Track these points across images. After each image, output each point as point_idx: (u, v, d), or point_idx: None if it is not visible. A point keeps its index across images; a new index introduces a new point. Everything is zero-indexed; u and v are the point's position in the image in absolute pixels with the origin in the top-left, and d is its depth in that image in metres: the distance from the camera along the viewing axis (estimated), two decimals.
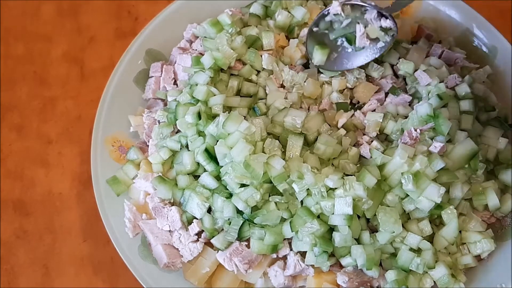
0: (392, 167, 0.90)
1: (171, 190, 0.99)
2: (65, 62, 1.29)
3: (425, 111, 0.95)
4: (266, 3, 1.16)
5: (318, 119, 0.99)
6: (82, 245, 1.11)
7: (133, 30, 1.30)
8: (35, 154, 1.20)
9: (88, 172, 1.03)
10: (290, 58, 1.08)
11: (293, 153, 0.94)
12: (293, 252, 0.93)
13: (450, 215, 0.91)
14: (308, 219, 0.89)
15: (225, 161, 0.93)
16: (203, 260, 0.96)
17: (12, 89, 1.26)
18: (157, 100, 1.12)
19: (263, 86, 1.05)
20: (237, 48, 1.04)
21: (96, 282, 1.08)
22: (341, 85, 1.05)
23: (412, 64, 1.04)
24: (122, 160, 1.06)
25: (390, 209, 0.90)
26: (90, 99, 1.24)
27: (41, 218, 1.14)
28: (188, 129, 0.99)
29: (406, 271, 0.90)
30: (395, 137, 1.00)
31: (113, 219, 0.99)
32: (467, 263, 0.94)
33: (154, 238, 0.98)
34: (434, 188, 0.87)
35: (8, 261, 1.10)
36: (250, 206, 0.91)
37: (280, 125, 0.97)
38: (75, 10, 1.34)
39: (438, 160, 0.89)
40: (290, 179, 0.90)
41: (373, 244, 0.90)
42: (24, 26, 1.33)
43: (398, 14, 1.18)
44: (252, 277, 0.95)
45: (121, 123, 1.08)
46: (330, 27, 1.05)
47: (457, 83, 1.03)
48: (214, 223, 0.96)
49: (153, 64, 1.13)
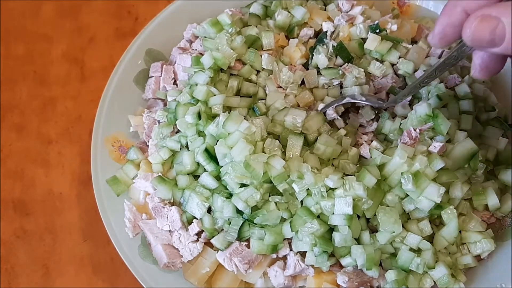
0: (392, 167, 0.90)
1: (171, 190, 0.99)
2: (65, 62, 1.29)
3: (424, 111, 0.95)
4: (266, 3, 1.16)
5: (318, 119, 0.99)
6: (82, 245, 1.11)
7: (133, 30, 1.30)
8: (35, 154, 1.20)
9: (88, 172, 1.03)
10: (290, 58, 1.08)
11: (293, 153, 0.94)
12: (293, 252, 0.93)
13: (450, 215, 0.91)
14: (308, 219, 0.89)
15: (225, 161, 0.93)
16: (203, 260, 0.96)
17: (12, 89, 1.26)
18: (157, 100, 1.12)
19: (263, 86, 1.05)
20: (237, 48, 1.04)
21: (96, 282, 1.08)
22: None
23: (412, 64, 1.04)
24: (122, 160, 1.06)
25: (390, 209, 0.90)
26: (90, 99, 1.24)
27: (41, 218, 1.14)
28: (188, 129, 0.99)
29: (406, 271, 0.90)
30: (393, 137, 1.00)
31: (113, 219, 0.99)
32: (467, 263, 0.93)
33: (154, 238, 0.98)
34: (434, 188, 0.87)
35: (8, 261, 1.10)
36: (250, 206, 0.91)
37: (280, 124, 0.97)
38: (75, 10, 1.35)
39: (437, 160, 0.89)
40: (290, 179, 0.90)
41: (373, 244, 0.90)
42: (24, 26, 1.33)
43: (398, 14, 1.18)
44: (252, 277, 0.95)
45: (121, 123, 1.08)
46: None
47: (456, 83, 1.04)
48: (214, 223, 0.96)
49: (153, 64, 1.13)
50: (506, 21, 0.64)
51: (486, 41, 0.66)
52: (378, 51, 1.05)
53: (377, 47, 1.05)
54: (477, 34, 0.66)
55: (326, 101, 1.03)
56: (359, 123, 1.04)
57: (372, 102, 1.00)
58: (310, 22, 1.13)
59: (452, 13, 0.70)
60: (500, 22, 0.64)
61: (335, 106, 1.01)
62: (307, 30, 1.11)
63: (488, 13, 0.65)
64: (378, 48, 1.05)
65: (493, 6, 0.66)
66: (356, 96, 1.00)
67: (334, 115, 1.00)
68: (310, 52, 1.08)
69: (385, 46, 1.05)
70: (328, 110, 1.00)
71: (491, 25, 0.65)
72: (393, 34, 1.09)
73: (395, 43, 1.06)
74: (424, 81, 0.91)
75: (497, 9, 0.65)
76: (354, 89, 1.02)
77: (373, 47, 1.05)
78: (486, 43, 0.66)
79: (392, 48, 1.05)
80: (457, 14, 0.70)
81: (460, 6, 0.69)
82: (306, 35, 1.11)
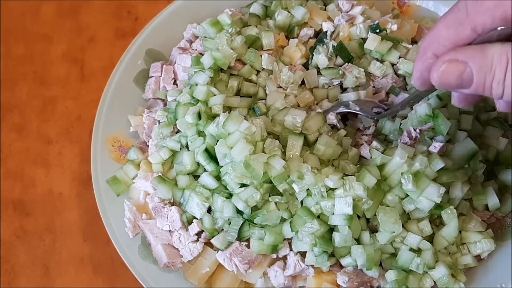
0: (392, 167, 0.90)
1: (171, 190, 0.99)
2: (65, 62, 1.29)
3: (424, 111, 0.95)
4: (266, 3, 1.16)
5: (318, 119, 0.99)
6: (82, 245, 1.11)
7: (133, 30, 1.30)
8: (35, 154, 1.20)
9: (88, 172, 1.03)
10: (290, 58, 1.08)
11: (293, 153, 0.94)
12: (293, 252, 0.93)
13: (450, 215, 0.91)
14: (308, 219, 0.89)
15: (225, 161, 0.93)
16: (203, 260, 0.96)
17: (12, 89, 1.26)
18: (157, 100, 1.12)
19: (263, 86, 1.05)
20: (237, 48, 1.04)
21: (96, 282, 1.08)
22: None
23: (412, 64, 1.03)
24: (122, 160, 1.06)
25: (390, 209, 0.90)
26: (90, 99, 1.24)
27: (41, 218, 1.14)
28: (188, 129, 0.99)
29: (406, 271, 0.90)
30: (393, 137, 1.00)
31: (113, 219, 0.99)
32: (467, 263, 0.93)
33: (154, 238, 0.98)
34: (434, 188, 0.87)
35: (8, 261, 1.10)
36: (250, 206, 0.91)
37: (280, 124, 0.97)
38: (75, 10, 1.35)
39: (437, 160, 0.89)
40: (290, 179, 0.90)
41: (373, 244, 0.90)
42: (24, 26, 1.33)
43: (398, 14, 1.18)
44: (252, 277, 0.95)
45: (121, 123, 1.08)
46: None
47: None
48: (214, 223, 0.96)
49: (153, 64, 1.13)
50: (474, 65, 0.63)
51: (453, 85, 0.66)
52: (378, 51, 1.05)
53: (377, 47, 1.05)
54: (444, 78, 0.66)
55: (323, 106, 1.04)
56: (357, 127, 1.04)
57: (365, 111, 1.00)
58: (310, 22, 1.12)
59: (424, 58, 0.70)
60: (467, 67, 0.64)
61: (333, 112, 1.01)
62: (307, 30, 1.11)
63: (455, 57, 0.65)
64: (378, 48, 1.05)
65: (460, 50, 0.65)
66: (350, 105, 1.01)
67: (334, 120, 1.00)
68: (310, 52, 1.08)
69: (385, 46, 1.05)
70: (329, 115, 1.01)
71: (458, 69, 0.64)
72: (393, 34, 1.09)
73: (395, 43, 1.06)
74: (410, 102, 0.93)
75: (464, 53, 0.64)
76: (350, 96, 1.02)
77: (373, 47, 1.05)
78: (454, 87, 0.66)
79: (392, 48, 1.05)
80: (429, 58, 0.69)
81: (429, 50, 0.69)
82: (306, 35, 1.11)
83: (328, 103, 1.04)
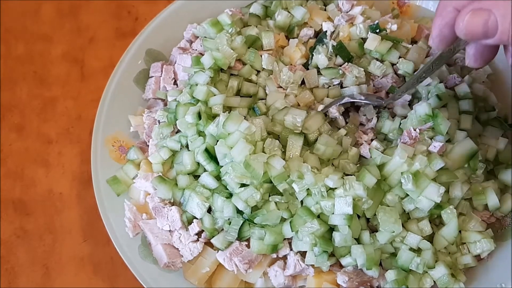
0: (391, 167, 0.91)
1: (171, 190, 0.99)
2: (65, 62, 1.29)
3: (423, 111, 0.95)
4: (266, 3, 1.16)
5: (318, 118, 0.99)
6: (82, 245, 1.11)
7: (133, 30, 1.30)
8: (35, 154, 1.20)
9: (88, 172, 1.03)
10: (290, 58, 1.08)
11: (293, 153, 0.94)
12: (293, 252, 0.93)
13: (450, 215, 0.91)
14: (308, 219, 0.89)
15: (225, 161, 0.93)
16: (203, 260, 0.96)
17: (12, 89, 1.26)
18: (157, 100, 1.12)
19: (263, 86, 1.05)
20: (237, 48, 1.04)
21: (96, 282, 1.08)
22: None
23: (412, 64, 1.04)
24: (122, 160, 1.06)
25: (390, 209, 0.90)
26: (90, 99, 1.24)
27: (41, 218, 1.14)
28: (188, 129, 0.99)
29: (406, 271, 0.90)
30: (393, 137, 1.00)
31: (113, 219, 0.99)
32: (467, 263, 0.94)
33: (154, 238, 0.98)
34: (434, 187, 0.87)
35: (8, 261, 1.10)
36: (250, 206, 0.91)
37: (280, 124, 0.97)
38: (75, 10, 1.34)
39: (437, 159, 0.90)
40: (290, 179, 0.90)
41: (373, 244, 0.90)
42: (24, 26, 1.33)
43: (398, 14, 1.18)
44: (252, 277, 0.95)
45: (121, 123, 1.08)
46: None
47: (456, 83, 1.04)
48: (214, 223, 0.96)
49: (153, 64, 1.13)
50: (498, 13, 0.64)
51: (479, 34, 0.66)
52: (378, 51, 1.05)
53: (377, 47, 1.05)
54: (470, 27, 0.67)
55: (325, 102, 1.04)
56: (359, 121, 1.04)
57: (371, 100, 1.00)
58: (310, 22, 1.13)
59: (444, 14, 0.71)
60: (492, 14, 0.65)
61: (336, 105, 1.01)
62: (307, 30, 1.11)
63: (479, 6, 0.66)
64: (378, 48, 1.05)
65: (483, 0, 0.66)
66: (355, 95, 1.01)
67: (336, 113, 1.00)
68: (310, 52, 1.08)
69: (385, 46, 1.05)
70: (331, 108, 1.01)
71: (483, 17, 0.65)
72: (393, 34, 1.09)
73: (395, 43, 1.06)
74: (422, 76, 0.91)
75: (487, 1, 0.65)
76: (353, 88, 1.03)
77: (373, 47, 1.05)
78: (480, 36, 0.67)
79: (392, 48, 1.05)
80: (450, 13, 0.70)
81: (450, 5, 0.70)
82: (306, 35, 1.11)
83: (329, 101, 1.04)
